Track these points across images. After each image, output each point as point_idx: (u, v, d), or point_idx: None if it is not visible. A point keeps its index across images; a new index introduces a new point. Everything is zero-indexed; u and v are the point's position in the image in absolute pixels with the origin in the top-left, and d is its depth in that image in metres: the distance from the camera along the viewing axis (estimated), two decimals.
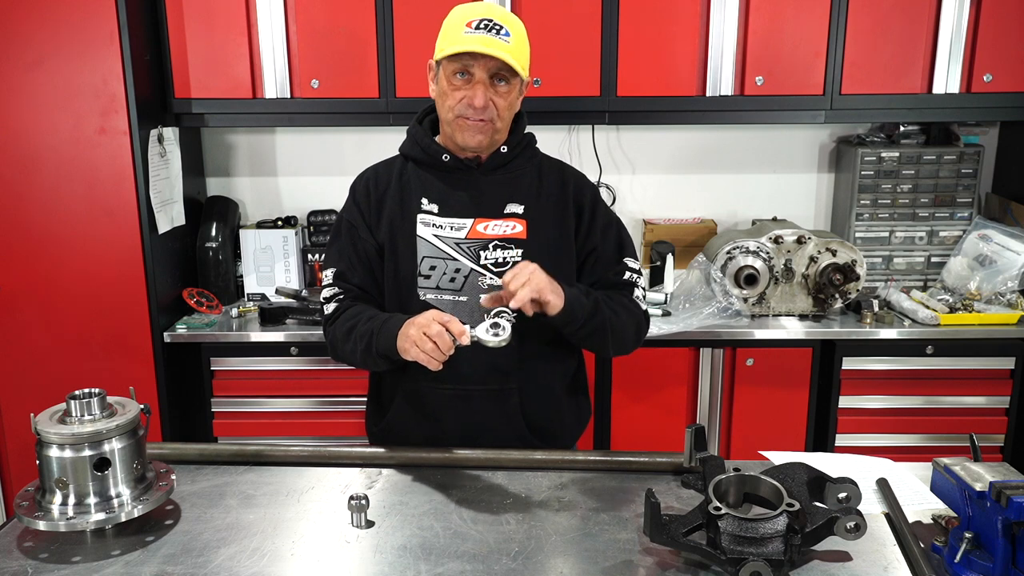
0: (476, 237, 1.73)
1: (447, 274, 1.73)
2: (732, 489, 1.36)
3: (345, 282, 1.77)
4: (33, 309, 2.74)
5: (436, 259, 1.73)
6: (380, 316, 1.69)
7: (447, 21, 1.70)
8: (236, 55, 2.75)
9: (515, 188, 1.77)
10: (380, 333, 1.63)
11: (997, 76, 2.74)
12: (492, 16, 1.66)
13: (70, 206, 2.67)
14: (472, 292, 1.72)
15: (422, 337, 1.52)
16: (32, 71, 2.57)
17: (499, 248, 1.73)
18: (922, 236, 3.03)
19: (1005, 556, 1.25)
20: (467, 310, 1.72)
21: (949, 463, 1.39)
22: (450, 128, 1.72)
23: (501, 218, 1.75)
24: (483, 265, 1.73)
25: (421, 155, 1.78)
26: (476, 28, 1.64)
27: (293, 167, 3.23)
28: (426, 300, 1.72)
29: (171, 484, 1.44)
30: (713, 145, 3.21)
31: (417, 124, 1.81)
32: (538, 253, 1.73)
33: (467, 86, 1.67)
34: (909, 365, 2.75)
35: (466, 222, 1.74)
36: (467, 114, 1.68)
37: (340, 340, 1.73)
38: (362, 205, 1.79)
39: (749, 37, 2.74)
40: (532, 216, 1.76)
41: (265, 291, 3.02)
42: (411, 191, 1.77)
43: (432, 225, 1.74)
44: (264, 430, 2.80)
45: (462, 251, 1.73)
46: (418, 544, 1.37)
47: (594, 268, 1.82)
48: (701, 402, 2.80)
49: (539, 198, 1.78)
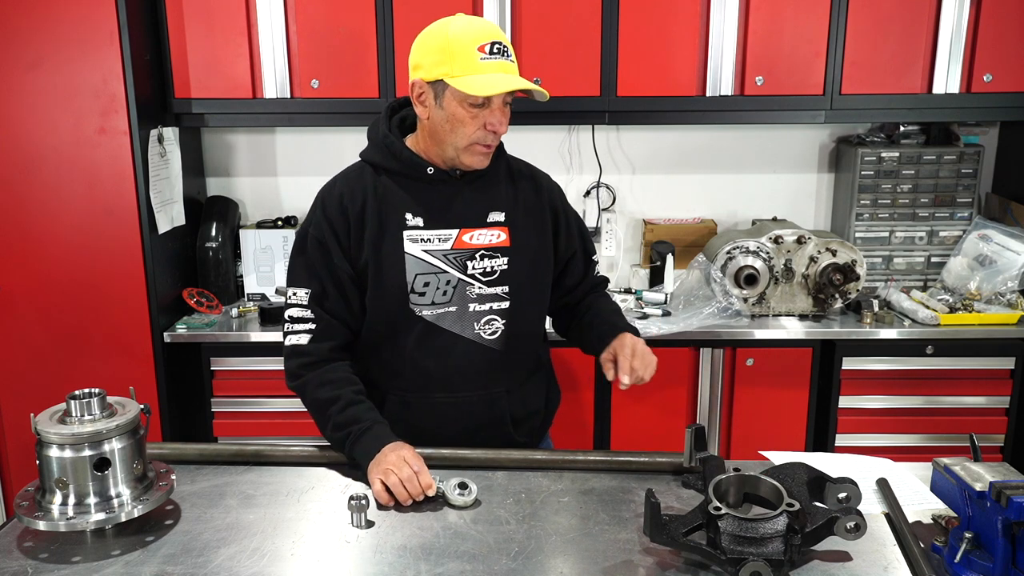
0: (462, 247, 1.72)
1: (439, 288, 1.71)
2: (732, 489, 1.36)
3: (320, 307, 1.71)
4: (33, 309, 2.74)
5: (429, 275, 1.70)
6: (362, 417, 1.63)
7: (449, 41, 1.61)
8: (236, 55, 2.75)
9: (494, 196, 1.76)
10: (360, 440, 1.60)
11: (997, 76, 2.74)
12: (498, 38, 1.62)
13: (70, 206, 2.67)
14: (460, 302, 1.72)
15: (390, 474, 1.49)
16: (32, 71, 2.58)
17: (486, 257, 1.73)
18: (922, 236, 3.03)
19: (1005, 556, 1.25)
20: (457, 319, 1.72)
21: (949, 463, 1.39)
22: (458, 152, 1.67)
23: (485, 227, 1.74)
24: (471, 275, 1.72)
25: (399, 167, 1.72)
26: (491, 54, 1.60)
27: (293, 167, 3.23)
28: (422, 316, 1.71)
29: (171, 484, 1.44)
30: (713, 145, 3.21)
31: (388, 132, 1.74)
32: (522, 261, 1.75)
33: (484, 112, 1.63)
34: (909, 365, 2.75)
35: (451, 232, 1.72)
36: (487, 141, 1.66)
37: (311, 401, 1.69)
38: (337, 225, 1.71)
39: (749, 37, 2.74)
40: (513, 223, 1.76)
41: (265, 291, 3.02)
42: (391, 206, 1.71)
43: (420, 240, 1.71)
44: (264, 430, 2.80)
45: (449, 262, 1.72)
46: (418, 544, 1.37)
47: (574, 271, 1.89)
48: (701, 402, 2.80)
49: (517, 204, 1.78)
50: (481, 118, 1.63)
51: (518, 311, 1.76)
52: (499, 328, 1.74)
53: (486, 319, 1.73)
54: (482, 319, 1.73)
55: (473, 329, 1.73)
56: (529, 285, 1.78)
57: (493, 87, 1.59)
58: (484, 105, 1.62)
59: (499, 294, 1.74)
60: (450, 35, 1.62)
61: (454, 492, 1.49)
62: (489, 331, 1.74)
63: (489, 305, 1.73)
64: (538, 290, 1.82)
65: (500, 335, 1.75)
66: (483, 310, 1.73)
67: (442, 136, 1.67)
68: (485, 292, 1.73)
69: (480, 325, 1.73)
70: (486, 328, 1.74)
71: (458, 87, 1.59)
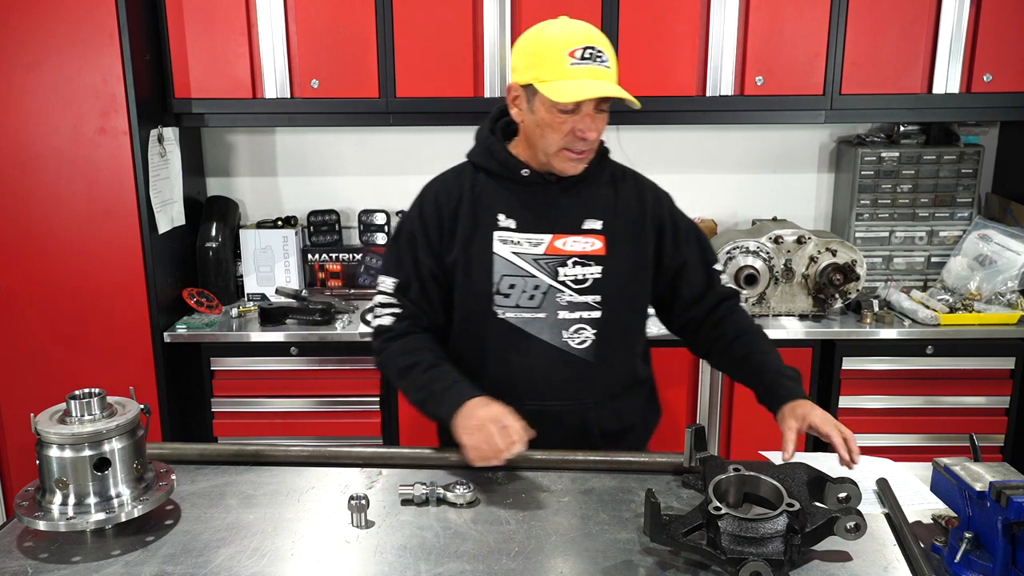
0: (554, 253, 1.69)
1: (526, 291, 1.68)
2: (732, 489, 1.36)
3: (404, 296, 1.72)
4: (33, 309, 2.74)
5: (515, 277, 1.68)
6: (441, 373, 1.64)
7: (541, 44, 1.59)
8: (236, 55, 2.75)
9: (592, 203, 1.72)
10: (444, 396, 1.59)
11: (997, 76, 2.74)
12: (593, 42, 1.58)
13: (70, 206, 2.67)
14: (549, 308, 1.69)
15: (475, 433, 1.49)
16: (32, 71, 2.57)
17: (578, 265, 1.69)
18: (922, 236, 3.03)
19: (1005, 556, 1.26)
20: (545, 325, 1.69)
21: (949, 463, 1.39)
22: (548, 158, 1.65)
23: (579, 234, 1.70)
24: (561, 281, 1.69)
25: (497, 168, 1.71)
26: (582, 59, 1.56)
27: (293, 167, 3.23)
28: (504, 318, 1.69)
29: (171, 484, 1.44)
30: (713, 145, 3.21)
31: (490, 133, 1.74)
32: (617, 270, 1.71)
33: (574, 118, 1.59)
34: (909, 365, 2.75)
35: (544, 237, 1.69)
36: (576, 148, 1.63)
37: (393, 371, 1.70)
38: (429, 222, 1.72)
39: (749, 37, 2.74)
40: (610, 232, 1.71)
41: (265, 291, 3.02)
42: (485, 206, 1.71)
43: (510, 242, 1.69)
44: (264, 430, 2.80)
45: (539, 267, 1.69)
46: (418, 544, 1.37)
47: (690, 282, 1.80)
48: (701, 402, 2.80)
49: (616, 213, 1.73)
50: (570, 124, 1.59)
51: (610, 322, 1.71)
52: (589, 338, 1.71)
53: (575, 327, 1.70)
54: (571, 327, 1.70)
55: (561, 337, 1.70)
56: (623, 296, 1.73)
57: (577, 94, 1.55)
58: (574, 111, 1.58)
59: (590, 303, 1.70)
60: (543, 38, 1.60)
61: (454, 492, 1.49)
62: (578, 340, 1.70)
63: (579, 314, 1.70)
64: (633, 302, 1.77)
65: (590, 345, 1.71)
66: (572, 318, 1.70)
67: (534, 140, 1.66)
68: (576, 300, 1.69)
69: (569, 333, 1.70)
70: (575, 337, 1.70)
71: (545, 93, 1.57)
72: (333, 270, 3.14)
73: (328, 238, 3.14)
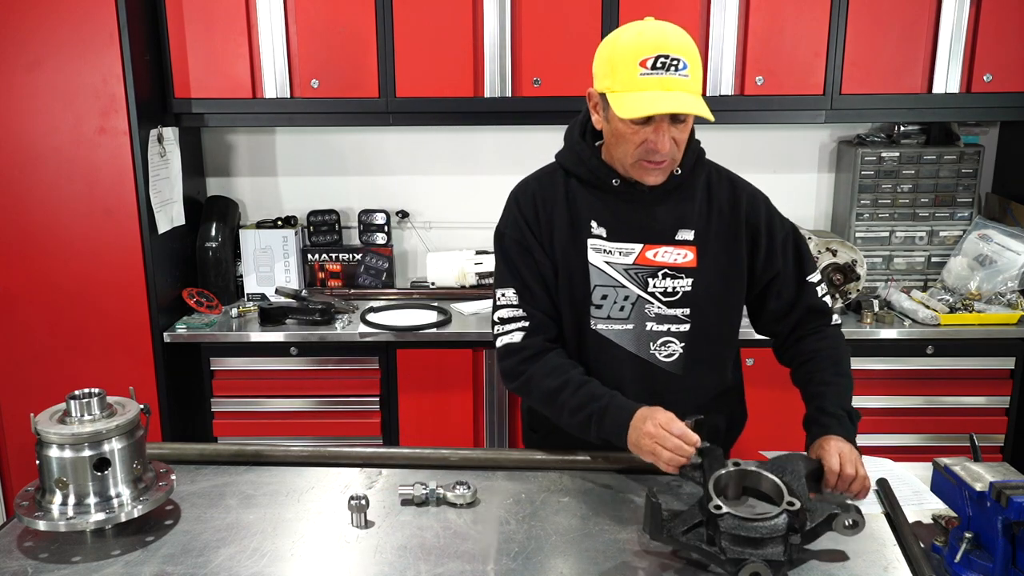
0: (644, 264, 1.64)
1: (617, 302, 1.64)
2: (732, 484, 1.37)
3: (527, 304, 1.65)
4: (33, 309, 2.74)
5: (607, 287, 1.64)
6: (598, 394, 1.57)
7: (614, 50, 1.54)
8: (236, 55, 2.75)
9: (685, 212, 1.65)
10: (605, 418, 1.53)
11: (997, 76, 2.74)
12: (668, 50, 1.48)
13: (70, 206, 2.67)
14: (638, 319, 1.64)
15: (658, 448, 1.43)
16: (32, 71, 2.57)
17: (668, 277, 1.64)
18: (922, 236, 3.03)
19: (1005, 556, 1.25)
20: (632, 337, 1.65)
21: (949, 463, 1.39)
22: (626, 168, 1.59)
23: (671, 244, 1.64)
24: (651, 293, 1.64)
25: (587, 175, 1.65)
26: (653, 68, 1.48)
27: (293, 167, 3.23)
28: (596, 329, 1.64)
29: (171, 484, 1.44)
30: (713, 145, 3.19)
31: (580, 138, 1.67)
32: (708, 284, 1.66)
33: (646, 129, 1.52)
34: (909, 365, 2.75)
35: (634, 247, 1.64)
36: (651, 159, 1.55)
37: (538, 395, 1.63)
38: (532, 224, 1.66)
39: (749, 37, 2.74)
40: (703, 243, 1.65)
41: (265, 291, 3.02)
42: (578, 213, 1.65)
43: (602, 251, 1.64)
44: (264, 430, 2.80)
45: (629, 277, 1.64)
46: (418, 544, 1.37)
47: (780, 294, 1.73)
48: None
49: (710, 221, 1.67)
50: (643, 135, 1.53)
51: (699, 336, 1.66)
52: (677, 351, 1.66)
53: (663, 340, 1.65)
54: (658, 340, 1.65)
55: (648, 349, 1.65)
56: (714, 310, 1.67)
57: (641, 109, 1.48)
58: (646, 123, 1.51)
59: (679, 316, 1.65)
60: (617, 45, 1.54)
61: (454, 492, 1.49)
62: (665, 353, 1.66)
63: (667, 327, 1.65)
64: (725, 316, 1.71)
65: (678, 358, 1.66)
66: (660, 331, 1.65)
67: (612, 149, 1.61)
68: (665, 313, 1.65)
69: (656, 346, 1.65)
70: (662, 349, 1.66)
71: (612, 105, 1.52)
72: (333, 270, 3.14)
73: (328, 238, 3.14)
